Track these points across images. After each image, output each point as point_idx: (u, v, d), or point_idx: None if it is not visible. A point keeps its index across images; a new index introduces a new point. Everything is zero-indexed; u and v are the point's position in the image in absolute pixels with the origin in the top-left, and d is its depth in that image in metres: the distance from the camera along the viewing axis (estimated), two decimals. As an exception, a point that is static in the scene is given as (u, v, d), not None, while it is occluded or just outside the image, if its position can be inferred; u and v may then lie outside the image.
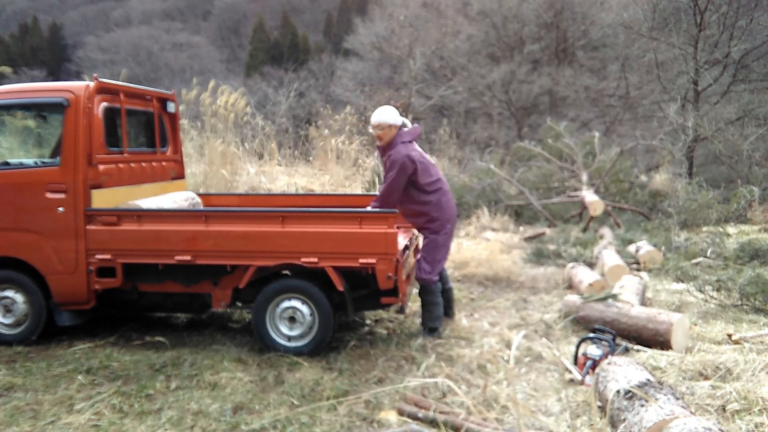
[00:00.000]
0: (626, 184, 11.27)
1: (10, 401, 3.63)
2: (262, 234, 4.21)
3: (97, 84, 4.49)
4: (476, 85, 22.49)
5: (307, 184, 13.14)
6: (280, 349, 4.28)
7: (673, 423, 2.61)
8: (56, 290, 4.44)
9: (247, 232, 4.23)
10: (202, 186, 10.48)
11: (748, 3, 14.89)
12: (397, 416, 3.29)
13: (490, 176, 11.22)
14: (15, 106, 4.82)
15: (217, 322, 5.23)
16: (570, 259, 7.40)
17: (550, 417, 3.41)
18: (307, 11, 53.53)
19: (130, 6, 56.12)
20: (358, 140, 15.19)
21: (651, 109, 18.61)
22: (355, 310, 4.43)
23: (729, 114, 14.04)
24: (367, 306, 4.60)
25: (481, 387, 3.77)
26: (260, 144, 14.06)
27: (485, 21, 23.89)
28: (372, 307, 4.65)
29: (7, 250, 4.49)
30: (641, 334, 4.49)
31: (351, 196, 6.68)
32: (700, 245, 7.74)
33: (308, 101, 25.26)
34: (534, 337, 4.86)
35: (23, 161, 4.85)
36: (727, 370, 3.68)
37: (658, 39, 16.09)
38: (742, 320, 5.15)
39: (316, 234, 4.15)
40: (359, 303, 4.47)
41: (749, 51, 15.25)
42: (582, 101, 21.33)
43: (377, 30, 25.72)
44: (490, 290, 6.47)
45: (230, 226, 4.26)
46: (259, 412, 3.47)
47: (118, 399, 3.60)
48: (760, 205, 10.52)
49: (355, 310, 4.45)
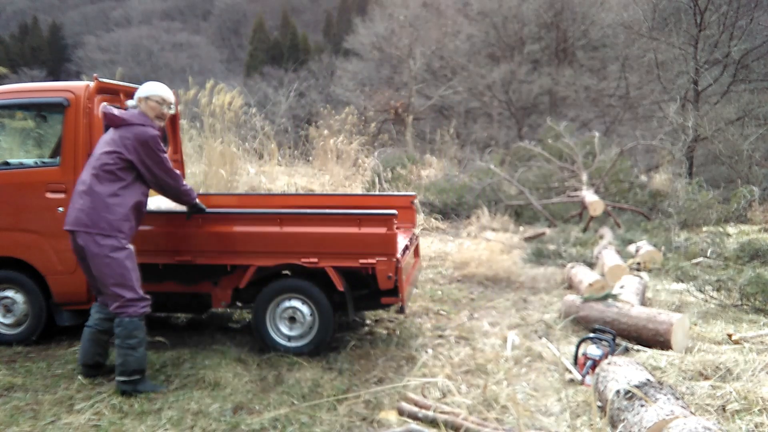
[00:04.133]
0: (626, 184, 11.27)
1: (10, 401, 3.63)
2: (261, 234, 4.22)
3: (97, 84, 4.49)
4: (476, 85, 22.49)
5: (307, 184, 13.16)
6: (280, 349, 4.28)
7: (673, 423, 2.61)
8: (56, 290, 4.44)
9: (247, 232, 4.24)
10: (202, 186, 10.48)
11: (748, 3, 14.90)
12: (397, 416, 3.29)
13: (490, 176, 11.22)
14: (15, 106, 4.82)
15: (217, 322, 5.23)
16: (570, 259, 7.40)
17: (550, 417, 3.40)
18: (307, 11, 53.52)
19: (130, 6, 56.12)
20: (358, 140, 15.21)
21: (651, 109, 18.62)
22: (355, 310, 4.43)
23: (729, 114, 14.05)
24: (367, 306, 4.60)
25: (481, 387, 3.77)
26: (260, 144, 14.07)
27: (485, 21, 23.89)
28: (372, 307, 4.65)
29: (7, 250, 4.49)
30: (641, 334, 4.49)
31: (351, 196, 6.68)
32: (700, 245, 7.74)
33: (308, 101, 25.27)
34: (534, 337, 4.86)
35: (23, 161, 4.86)
36: (727, 370, 3.68)
37: (658, 39, 16.09)
38: (742, 320, 5.16)
39: (317, 235, 4.16)
40: (359, 303, 4.47)
41: (749, 51, 15.25)
42: (582, 101, 21.34)
43: (377, 30, 25.71)
44: (490, 290, 6.47)
45: (229, 226, 4.27)
46: (259, 412, 3.47)
47: (118, 399, 3.60)
48: (760, 205, 10.53)
49: (356, 310, 4.45)
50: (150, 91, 3.93)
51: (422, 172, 13.47)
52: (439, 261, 7.74)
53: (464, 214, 10.49)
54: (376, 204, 5.57)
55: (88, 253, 3.66)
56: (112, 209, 3.66)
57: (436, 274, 7.06)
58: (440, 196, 11.05)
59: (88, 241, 3.64)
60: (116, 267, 3.65)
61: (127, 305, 3.68)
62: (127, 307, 3.68)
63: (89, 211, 3.65)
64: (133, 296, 3.69)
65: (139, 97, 3.92)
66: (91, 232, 3.63)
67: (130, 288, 3.69)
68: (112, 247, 3.64)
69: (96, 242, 3.63)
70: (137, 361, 3.69)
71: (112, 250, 3.64)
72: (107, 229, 3.64)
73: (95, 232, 3.63)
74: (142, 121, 3.81)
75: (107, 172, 3.70)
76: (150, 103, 3.91)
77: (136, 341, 3.69)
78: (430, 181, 12.19)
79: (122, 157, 3.71)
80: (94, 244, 3.63)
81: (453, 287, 6.50)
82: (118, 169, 3.71)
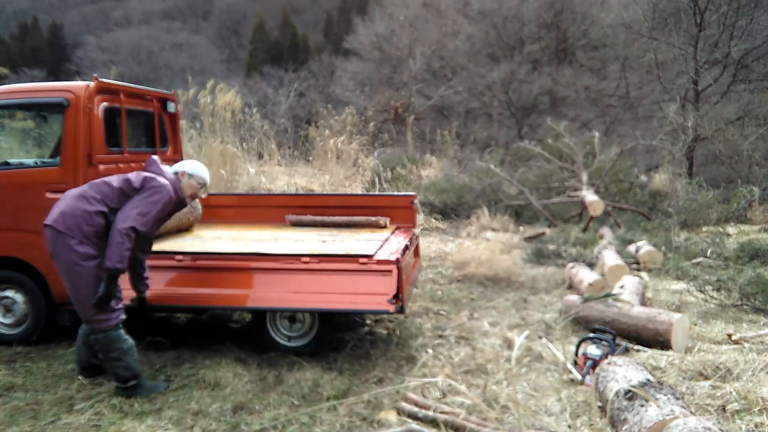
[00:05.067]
0: (626, 184, 11.27)
1: (10, 401, 3.63)
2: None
3: (97, 84, 4.49)
4: (476, 85, 22.47)
5: (307, 184, 13.16)
6: (280, 349, 4.29)
7: (673, 423, 2.61)
8: (56, 290, 4.44)
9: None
10: (202, 186, 10.46)
11: (748, 3, 14.88)
12: (397, 416, 3.29)
13: (490, 176, 11.22)
14: (15, 106, 4.82)
15: (217, 322, 5.24)
16: (570, 259, 7.40)
17: (550, 417, 3.41)
18: (307, 11, 53.48)
19: (130, 6, 56.11)
20: (358, 140, 15.21)
21: (651, 109, 18.60)
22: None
23: (729, 114, 14.04)
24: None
25: (481, 387, 3.77)
26: (260, 144, 14.07)
27: (485, 21, 23.87)
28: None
29: (7, 250, 4.49)
30: (641, 334, 4.49)
31: (351, 196, 6.68)
32: (700, 245, 7.74)
33: (308, 101, 25.27)
34: (534, 337, 4.86)
35: (23, 161, 4.86)
36: (727, 370, 3.68)
37: (658, 39, 16.08)
38: (742, 320, 5.16)
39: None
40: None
41: (749, 51, 15.24)
42: (582, 101, 21.32)
43: (377, 30, 25.70)
44: (490, 290, 6.47)
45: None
46: (259, 412, 3.47)
47: (118, 399, 3.60)
48: (760, 205, 10.53)
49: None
50: (195, 171, 3.97)
51: (422, 172, 13.48)
52: (439, 261, 7.74)
53: (464, 214, 10.49)
54: (377, 204, 5.58)
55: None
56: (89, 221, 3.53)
57: (436, 274, 7.06)
58: (440, 196, 11.06)
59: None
60: (87, 277, 3.50)
61: (100, 320, 3.55)
62: (101, 323, 3.56)
63: (72, 213, 3.53)
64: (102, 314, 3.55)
65: (183, 171, 3.94)
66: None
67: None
68: (84, 255, 3.49)
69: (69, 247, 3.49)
70: (127, 369, 3.63)
71: (85, 259, 3.50)
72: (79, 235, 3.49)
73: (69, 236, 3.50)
74: (172, 184, 3.78)
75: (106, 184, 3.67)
76: (191, 182, 3.95)
77: (118, 353, 3.60)
78: (430, 181, 12.19)
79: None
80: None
81: (453, 287, 6.50)
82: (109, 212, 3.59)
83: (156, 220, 3.72)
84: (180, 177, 3.92)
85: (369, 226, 5.29)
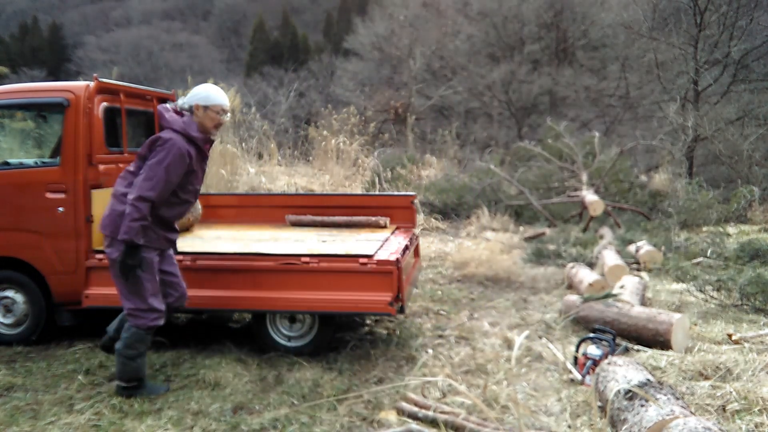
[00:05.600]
0: (626, 184, 11.27)
1: (10, 401, 3.63)
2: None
3: (97, 84, 4.49)
4: (476, 85, 22.49)
5: (307, 184, 13.16)
6: (280, 350, 4.29)
7: (673, 423, 2.61)
8: (56, 290, 4.44)
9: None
10: (202, 186, 10.48)
11: (748, 3, 14.88)
12: (397, 416, 3.29)
13: (490, 176, 11.22)
14: (15, 106, 4.82)
15: (217, 322, 5.24)
16: (570, 259, 7.40)
17: (550, 417, 3.41)
18: (307, 11, 53.50)
19: (130, 6, 56.10)
20: (358, 140, 15.20)
21: (651, 109, 18.61)
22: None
23: (729, 114, 14.04)
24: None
25: (481, 387, 3.77)
26: (260, 144, 14.07)
27: (485, 21, 23.88)
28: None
29: (8, 250, 4.48)
30: (641, 334, 4.49)
31: (351, 196, 6.67)
32: (700, 245, 7.74)
33: (308, 101, 25.28)
34: (534, 337, 4.86)
35: (23, 161, 4.86)
36: (727, 370, 3.68)
37: (658, 39, 16.08)
38: (742, 320, 5.15)
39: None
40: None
41: (749, 51, 15.24)
42: (582, 101, 21.33)
43: (377, 30, 25.71)
44: (490, 290, 6.47)
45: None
46: (259, 412, 3.47)
47: (118, 399, 3.60)
48: (760, 205, 10.53)
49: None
50: (210, 99, 3.61)
51: (422, 172, 13.48)
52: (439, 261, 7.74)
53: (464, 214, 10.49)
54: (376, 204, 5.58)
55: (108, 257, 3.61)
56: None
57: (436, 274, 7.06)
58: (440, 196, 11.06)
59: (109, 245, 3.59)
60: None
61: (135, 315, 3.58)
62: (136, 318, 3.58)
63: (111, 215, 3.57)
64: (140, 306, 3.56)
65: (197, 104, 3.61)
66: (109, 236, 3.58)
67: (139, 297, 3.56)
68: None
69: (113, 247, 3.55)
70: (134, 371, 3.63)
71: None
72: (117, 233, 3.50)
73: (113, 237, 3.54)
74: (184, 130, 3.55)
75: (130, 173, 3.64)
76: (209, 113, 3.62)
77: (134, 353, 3.60)
78: (430, 181, 12.19)
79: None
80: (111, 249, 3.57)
81: (453, 287, 6.50)
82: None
83: (171, 178, 3.47)
84: (195, 113, 3.61)
85: (369, 226, 5.29)
